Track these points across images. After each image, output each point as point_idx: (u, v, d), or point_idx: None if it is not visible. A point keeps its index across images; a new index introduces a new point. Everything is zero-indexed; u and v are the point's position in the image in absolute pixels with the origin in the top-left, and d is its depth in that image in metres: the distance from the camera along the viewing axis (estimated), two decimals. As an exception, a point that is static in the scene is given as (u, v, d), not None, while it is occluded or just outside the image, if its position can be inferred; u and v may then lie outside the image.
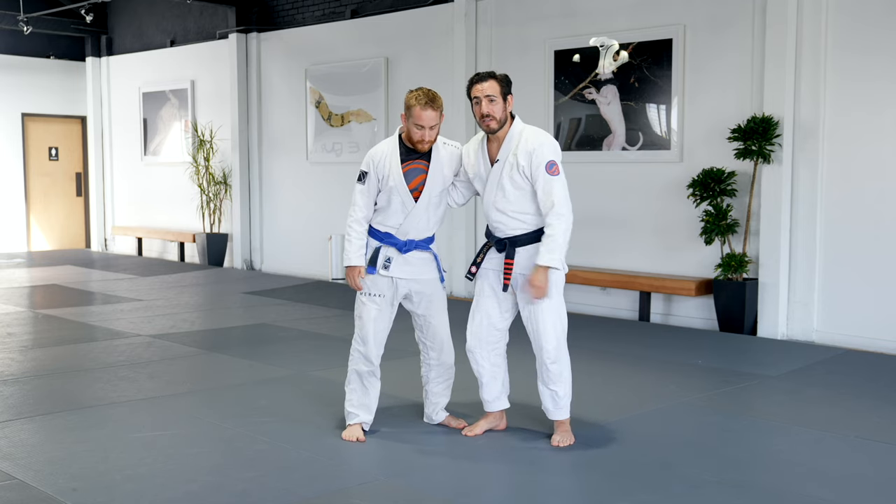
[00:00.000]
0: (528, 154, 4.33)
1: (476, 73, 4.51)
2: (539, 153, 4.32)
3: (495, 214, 4.47)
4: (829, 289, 7.37)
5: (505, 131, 4.42)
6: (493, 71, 4.50)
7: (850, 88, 7.22)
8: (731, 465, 4.27)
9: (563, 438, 4.51)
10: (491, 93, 4.34)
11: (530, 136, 4.38)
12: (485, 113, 4.35)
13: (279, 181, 12.29)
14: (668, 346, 7.21)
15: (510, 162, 4.37)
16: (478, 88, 4.36)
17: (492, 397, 4.67)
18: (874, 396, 5.64)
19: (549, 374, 4.47)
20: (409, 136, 4.47)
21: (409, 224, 4.52)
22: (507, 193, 4.40)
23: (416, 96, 4.39)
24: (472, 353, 4.59)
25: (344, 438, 4.58)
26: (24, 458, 4.28)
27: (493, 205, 4.45)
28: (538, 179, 4.32)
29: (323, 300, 9.52)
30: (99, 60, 15.12)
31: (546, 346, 4.42)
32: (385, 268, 4.53)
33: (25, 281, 10.99)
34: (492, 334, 4.57)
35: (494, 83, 4.36)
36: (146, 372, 6.11)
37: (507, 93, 4.39)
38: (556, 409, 4.52)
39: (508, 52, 9.50)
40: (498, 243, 4.47)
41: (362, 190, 4.53)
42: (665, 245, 8.36)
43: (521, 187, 4.37)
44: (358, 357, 4.64)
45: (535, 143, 4.35)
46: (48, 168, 15.21)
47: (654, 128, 8.40)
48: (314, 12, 11.73)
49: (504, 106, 4.38)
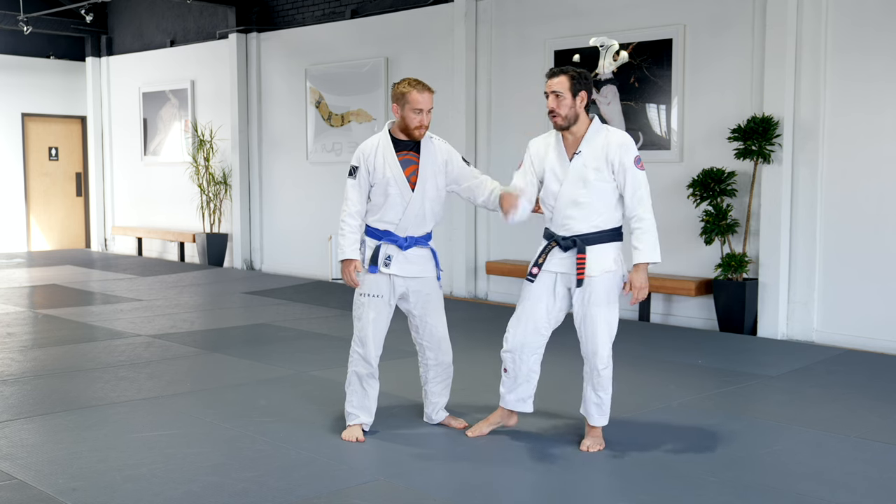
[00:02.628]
0: (618, 146, 4.33)
1: (549, 68, 4.46)
2: (628, 148, 4.35)
3: (570, 210, 4.36)
4: (829, 289, 7.37)
5: (582, 128, 4.39)
6: (567, 66, 4.46)
7: (849, 88, 7.22)
8: (731, 464, 4.27)
9: (595, 443, 4.46)
10: (558, 89, 4.33)
11: (614, 132, 4.40)
12: (552, 108, 4.36)
13: (279, 181, 12.29)
14: (668, 346, 7.21)
15: (595, 155, 4.34)
16: (548, 84, 4.38)
17: (518, 398, 4.59)
18: (874, 396, 5.64)
19: (599, 380, 4.43)
20: (404, 126, 4.49)
21: (408, 217, 4.51)
22: (591, 188, 4.33)
23: (409, 82, 4.46)
24: (512, 354, 4.51)
25: (344, 439, 4.58)
26: (24, 458, 4.29)
27: (571, 199, 4.36)
28: (627, 173, 4.32)
29: (323, 300, 9.52)
30: (99, 60, 15.12)
31: (601, 352, 4.40)
32: (386, 265, 4.53)
33: (25, 281, 10.99)
34: (536, 340, 4.51)
35: (565, 79, 4.34)
36: (146, 372, 6.11)
37: (579, 90, 4.35)
38: (601, 415, 4.49)
39: (508, 52, 9.50)
40: (565, 240, 4.39)
41: (353, 184, 4.54)
42: (665, 245, 8.20)
43: (607, 181, 4.34)
44: (357, 359, 4.64)
45: (622, 138, 4.37)
46: (48, 168, 15.21)
47: (654, 128, 8.40)
48: (314, 12, 11.73)
49: (572, 103, 4.33)
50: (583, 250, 4.34)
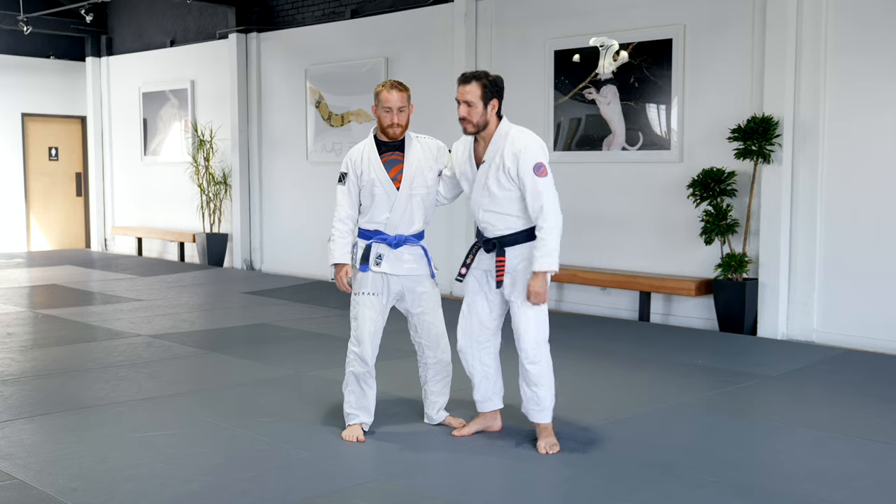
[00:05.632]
0: (514, 156, 4.28)
1: (463, 73, 4.46)
2: (525, 155, 4.27)
3: (482, 215, 4.44)
4: (828, 289, 7.37)
5: (490, 132, 4.38)
6: (481, 72, 4.42)
7: (849, 89, 7.22)
8: (731, 465, 4.27)
9: (549, 445, 4.43)
10: (470, 99, 4.32)
11: (516, 138, 4.33)
12: (461, 116, 4.37)
13: (279, 181, 12.29)
14: (668, 346, 7.21)
15: (496, 164, 4.33)
16: (459, 91, 4.38)
17: (483, 397, 4.65)
18: (874, 396, 5.64)
19: (528, 375, 4.45)
20: (381, 125, 4.58)
21: (395, 216, 4.55)
22: (494, 195, 4.36)
23: (384, 83, 4.59)
24: (462, 352, 4.60)
25: (344, 438, 4.58)
26: (24, 458, 4.29)
27: (479, 206, 4.43)
28: (525, 182, 4.27)
29: (323, 300, 9.52)
30: (99, 60, 15.12)
31: (525, 347, 4.41)
32: (377, 264, 4.55)
33: (25, 281, 10.99)
34: (482, 333, 4.56)
35: (476, 87, 4.32)
36: (146, 372, 6.11)
37: (491, 97, 4.34)
38: (539, 410, 4.46)
39: (508, 52, 9.50)
40: (486, 243, 4.45)
41: (343, 190, 4.62)
42: (665, 245, 8.36)
43: (508, 189, 4.33)
44: (354, 358, 4.65)
45: (520, 144, 4.30)
46: (48, 168, 15.21)
47: (654, 128, 8.40)
48: (314, 12, 11.73)
49: (484, 111, 4.32)
50: (502, 253, 4.38)
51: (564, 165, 8.93)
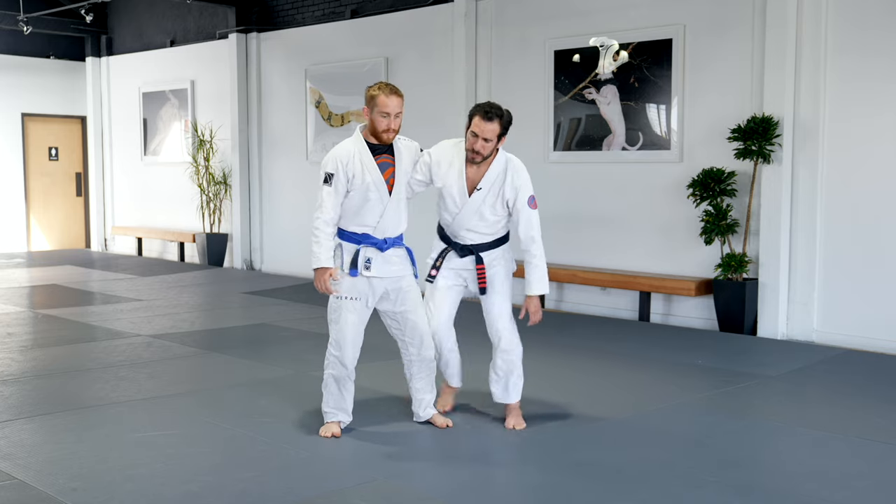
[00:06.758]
0: (515, 189, 4.61)
1: (483, 105, 4.58)
2: (524, 190, 4.63)
3: (464, 232, 4.70)
4: (828, 289, 7.37)
5: (489, 161, 4.63)
6: (501, 110, 4.57)
7: (849, 89, 7.22)
8: (731, 465, 4.27)
9: (518, 421, 4.77)
10: (489, 136, 4.53)
11: (517, 172, 4.63)
12: (476, 150, 4.55)
13: (279, 181, 12.29)
14: (668, 346, 7.21)
15: (494, 192, 4.61)
16: (479, 126, 4.51)
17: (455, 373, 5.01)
18: (874, 396, 5.64)
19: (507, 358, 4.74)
20: (373, 129, 4.56)
21: (386, 219, 4.57)
22: (485, 219, 4.66)
23: (379, 86, 4.59)
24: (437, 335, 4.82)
25: (321, 435, 4.63)
26: (24, 458, 4.29)
27: (463, 225, 4.69)
28: (521, 213, 4.62)
29: (323, 300, 9.40)
30: (99, 60, 15.12)
31: (501, 331, 4.72)
32: (367, 268, 4.55)
33: (25, 281, 10.99)
34: (450, 323, 4.88)
35: (497, 126, 4.53)
36: (146, 372, 6.11)
37: (503, 136, 4.60)
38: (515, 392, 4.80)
39: (508, 52, 9.50)
40: (462, 250, 4.72)
41: (329, 192, 4.60)
42: (665, 245, 8.36)
43: (500, 215, 4.68)
44: (334, 361, 4.67)
45: (521, 180, 4.63)
46: (48, 168, 15.21)
47: (654, 128, 8.40)
48: (314, 12, 11.73)
49: (495, 146, 4.58)
50: (481, 261, 4.71)
51: (564, 165, 8.93)
